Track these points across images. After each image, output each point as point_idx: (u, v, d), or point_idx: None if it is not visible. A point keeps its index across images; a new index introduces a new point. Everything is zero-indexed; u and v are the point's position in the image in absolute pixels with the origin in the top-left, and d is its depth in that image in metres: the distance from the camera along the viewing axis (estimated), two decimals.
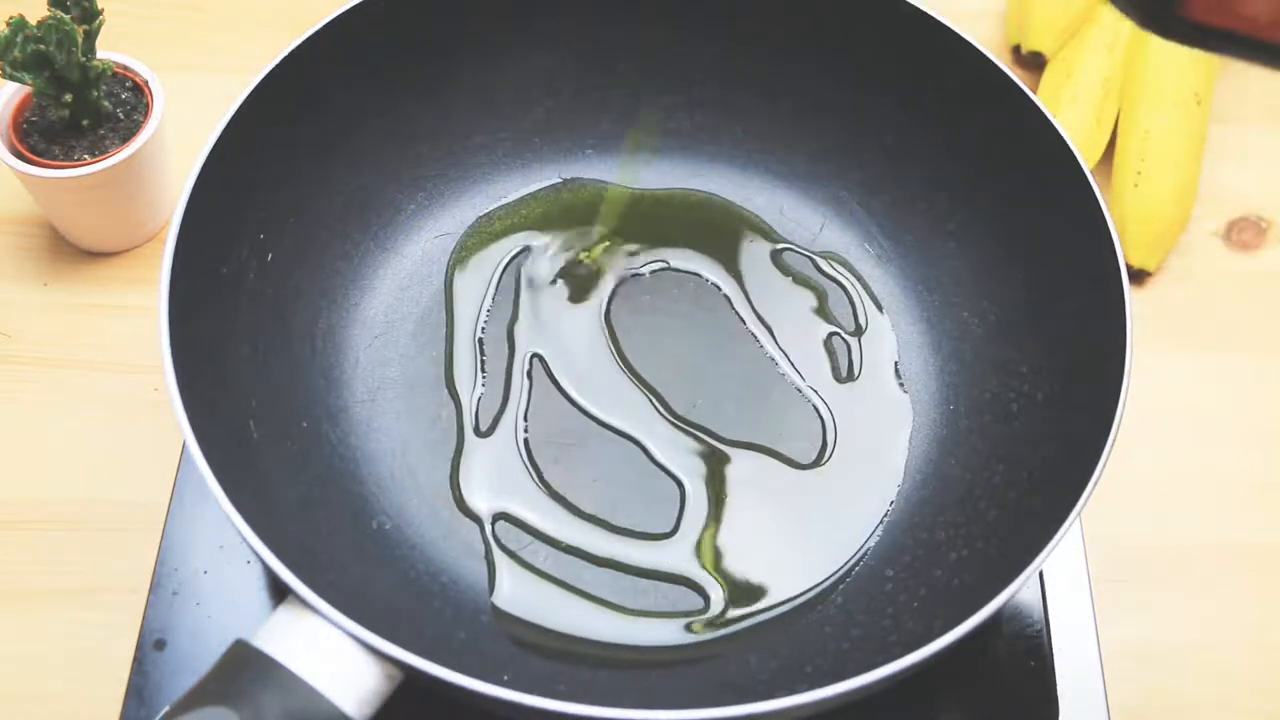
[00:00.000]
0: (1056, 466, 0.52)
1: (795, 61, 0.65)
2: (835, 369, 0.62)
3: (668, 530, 0.56)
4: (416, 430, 0.58)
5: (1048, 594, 0.57)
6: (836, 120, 0.65)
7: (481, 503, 0.56)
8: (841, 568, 0.55)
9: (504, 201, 0.66)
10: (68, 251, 0.68)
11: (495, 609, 0.54)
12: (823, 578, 0.55)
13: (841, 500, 0.58)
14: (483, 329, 0.62)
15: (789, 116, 0.66)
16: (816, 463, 0.59)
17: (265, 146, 0.57)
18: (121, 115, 0.65)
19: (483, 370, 0.61)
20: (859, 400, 0.61)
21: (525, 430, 0.59)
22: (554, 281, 0.63)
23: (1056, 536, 0.47)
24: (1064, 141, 0.57)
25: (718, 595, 0.54)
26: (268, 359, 0.56)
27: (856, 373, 0.62)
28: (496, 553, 0.55)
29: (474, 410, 0.59)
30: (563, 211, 0.66)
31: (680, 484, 0.58)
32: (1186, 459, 0.64)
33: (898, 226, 0.65)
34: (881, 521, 0.57)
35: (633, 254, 0.65)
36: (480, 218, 0.66)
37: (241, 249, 0.56)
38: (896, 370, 0.61)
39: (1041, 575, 0.57)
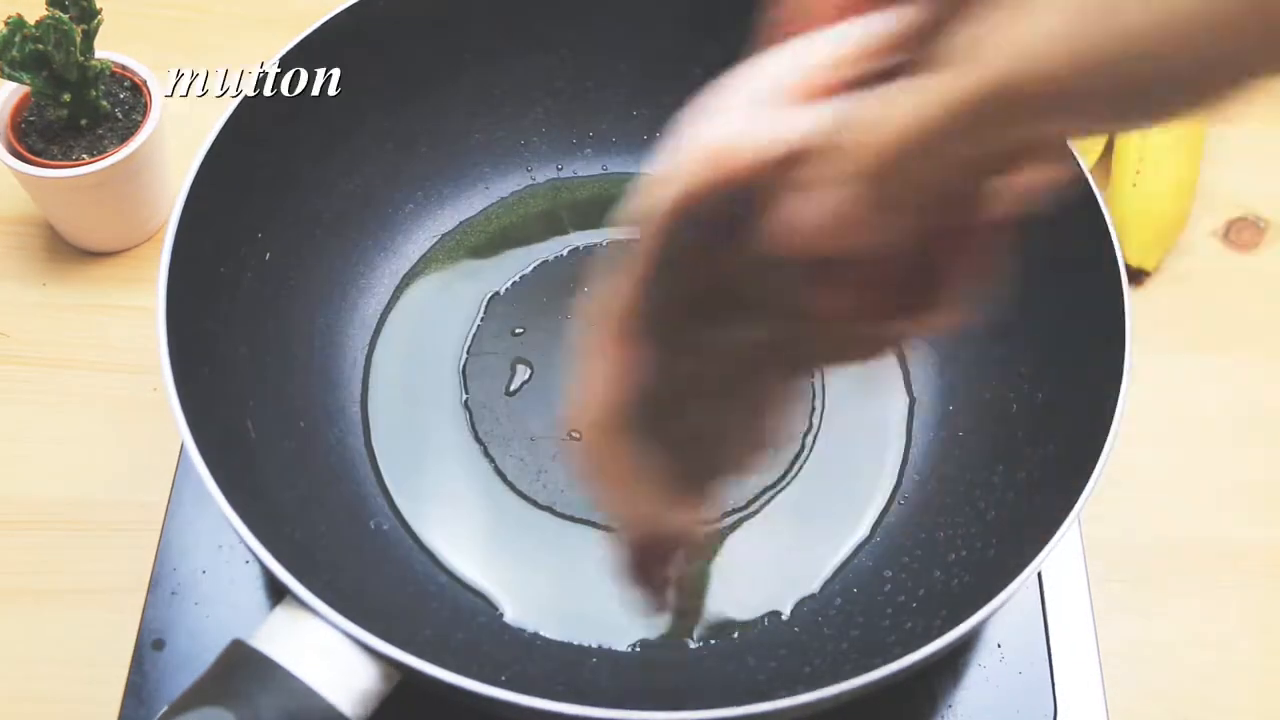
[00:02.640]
0: (1056, 466, 0.52)
1: None
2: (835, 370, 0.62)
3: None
4: (415, 430, 0.58)
5: (1046, 594, 0.56)
6: None
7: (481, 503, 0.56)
8: (840, 568, 0.55)
9: (502, 200, 0.66)
10: (66, 251, 0.68)
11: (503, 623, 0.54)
12: (822, 579, 0.55)
13: (840, 500, 0.57)
14: (479, 328, 0.62)
15: None
16: (815, 463, 0.59)
17: (263, 146, 0.57)
18: (120, 115, 0.65)
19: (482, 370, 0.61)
20: (858, 401, 0.60)
21: (526, 432, 0.59)
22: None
23: (1055, 537, 0.47)
24: (1063, 141, 0.57)
25: (717, 595, 0.54)
26: (266, 359, 0.56)
27: (856, 373, 0.61)
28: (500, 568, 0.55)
29: (468, 413, 0.59)
30: (560, 210, 0.66)
31: None
32: (1186, 459, 0.64)
33: None
34: (880, 522, 0.57)
35: None
36: (478, 216, 0.66)
37: (240, 248, 0.56)
38: (897, 370, 0.61)
39: (1040, 576, 0.57)
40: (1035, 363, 0.57)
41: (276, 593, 0.51)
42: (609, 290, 0.33)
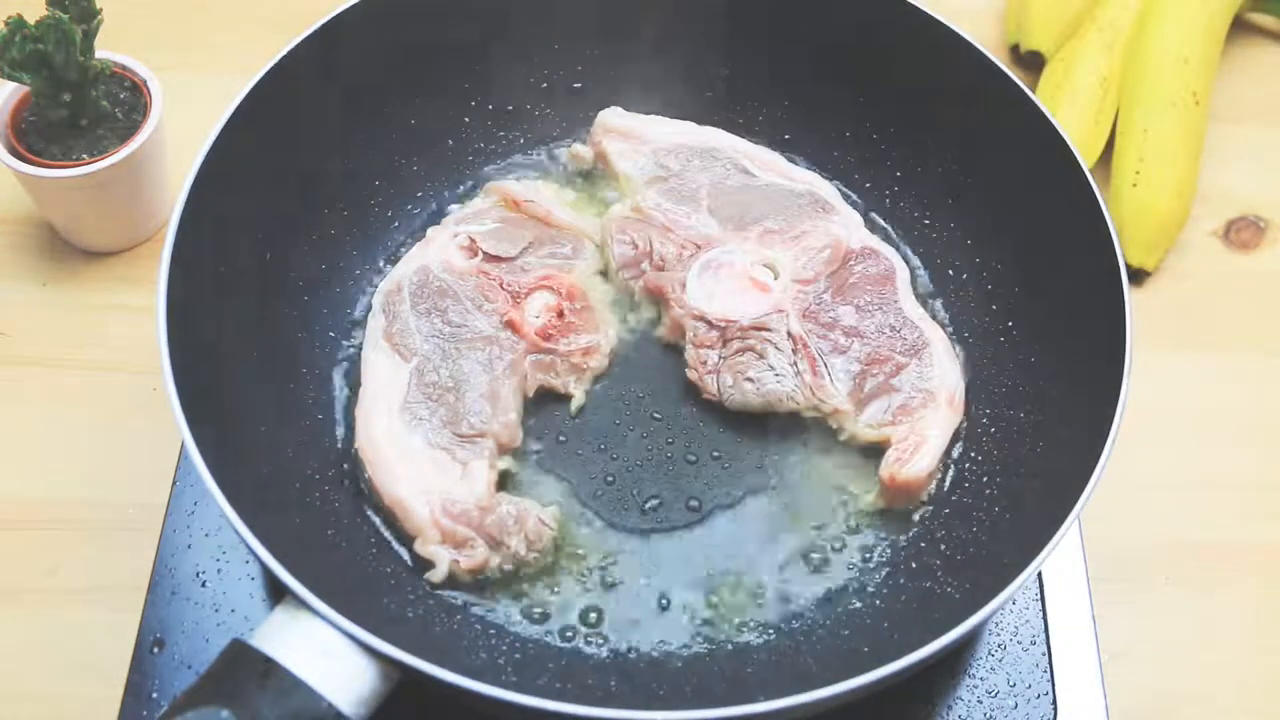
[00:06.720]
0: (1056, 467, 0.52)
1: (797, 61, 0.65)
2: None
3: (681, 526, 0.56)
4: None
5: (1047, 595, 0.56)
6: (836, 122, 0.65)
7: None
8: (841, 569, 0.55)
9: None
10: (66, 251, 0.68)
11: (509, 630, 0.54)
12: (822, 579, 0.55)
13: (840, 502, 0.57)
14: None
15: (794, 115, 0.66)
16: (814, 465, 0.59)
17: (263, 146, 0.57)
18: (120, 115, 0.65)
19: None
20: None
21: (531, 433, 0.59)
22: None
23: (1056, 537, 0.47)
24: (1063, 140, 0.57)
25: (717, 596, 0.54)
26: (266, 358, 0.56)
27: None
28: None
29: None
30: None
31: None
32: (1186, 459, 0.64)
33: (897, 225, 0.65)
34: (881, 523, 0.57)
35: None
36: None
37: (240, 248, 0.56)
38: None
39: (1040, 576, 0.57)
40: (1035, 363, 0.57)
41: (276, 592, 0.51)
42: None
